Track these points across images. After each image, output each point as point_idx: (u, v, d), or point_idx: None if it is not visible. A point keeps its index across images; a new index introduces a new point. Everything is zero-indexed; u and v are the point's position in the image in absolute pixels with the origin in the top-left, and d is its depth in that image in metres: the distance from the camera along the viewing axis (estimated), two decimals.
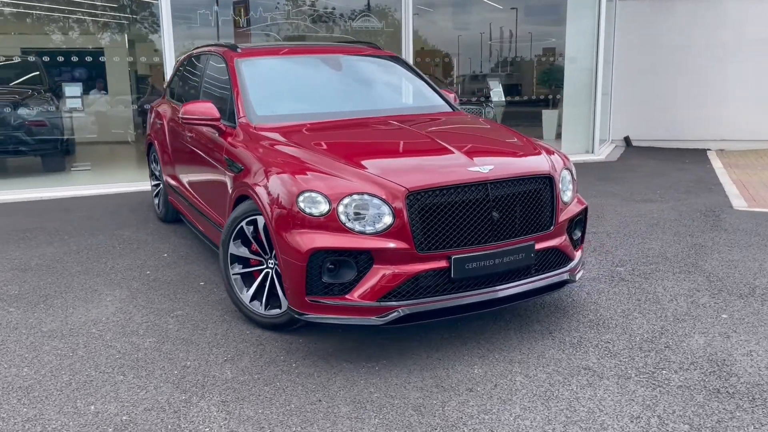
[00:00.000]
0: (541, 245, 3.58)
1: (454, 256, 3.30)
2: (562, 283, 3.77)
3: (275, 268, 3.63)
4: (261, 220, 3.61)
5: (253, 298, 3.79)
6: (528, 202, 3.54)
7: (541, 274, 3.62)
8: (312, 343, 3.61)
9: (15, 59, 11.43)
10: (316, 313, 3.35)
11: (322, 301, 3.31)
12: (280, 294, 3.60)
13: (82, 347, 3.59)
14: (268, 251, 3.65)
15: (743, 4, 11.43)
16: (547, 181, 3.63)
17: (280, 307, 3.63)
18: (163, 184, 6.14)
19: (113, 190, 8.13)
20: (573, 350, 3.50)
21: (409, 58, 9.64)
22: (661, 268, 4.81)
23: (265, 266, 3.73)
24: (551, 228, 3.63)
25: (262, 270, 3.74)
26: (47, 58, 11.03)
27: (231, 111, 4.36)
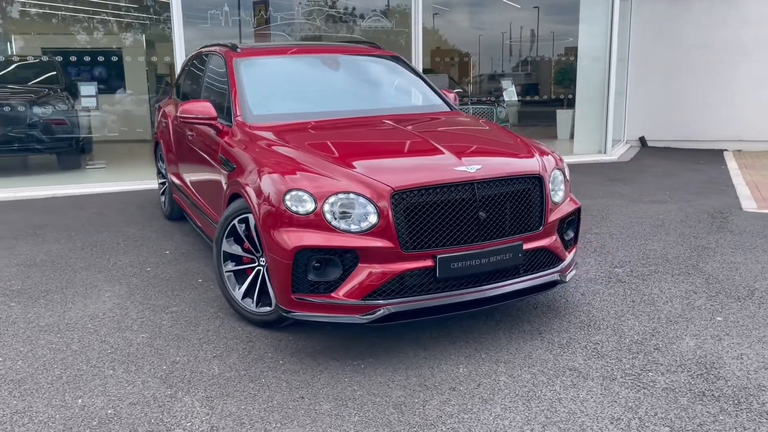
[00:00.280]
0: (529, 245, 3.57)
1: (439, 256, 3.30)
2: (553, 284, 3.76)
3: (266, 266, 3.67)
4: (252, 218, 3.65)
5: (245, 296, 3.83)
6: (516, 202, 3.53)
7: (529, 275, 3.61)
8: (301, 341, 3.64)
9: (29, 59, 11.66)
10: (302, 311, 3.38)
11: (308, 299, 3.33)
12: (271, 292, 3.64)
13: (77, 342, 3.66)
14: (260, 249, 3.69)
15: (761, 2, 11.23)
16: (536, 181, 3.62)
17: (271, 304, 3.66)
18: (168, 182, 6.22)
19: (125, 188, 8.26)
20: (561, 351, 3.48)
21: (419, 57, 9.62)
22: (660, 270, 4.76)
23: (256, 264, 3.77)
24: (540, 228, 3.62)
25: (254, 268, 3.78)
26: (67, 58, 11.25)
27: (228, 110, 4.42)
